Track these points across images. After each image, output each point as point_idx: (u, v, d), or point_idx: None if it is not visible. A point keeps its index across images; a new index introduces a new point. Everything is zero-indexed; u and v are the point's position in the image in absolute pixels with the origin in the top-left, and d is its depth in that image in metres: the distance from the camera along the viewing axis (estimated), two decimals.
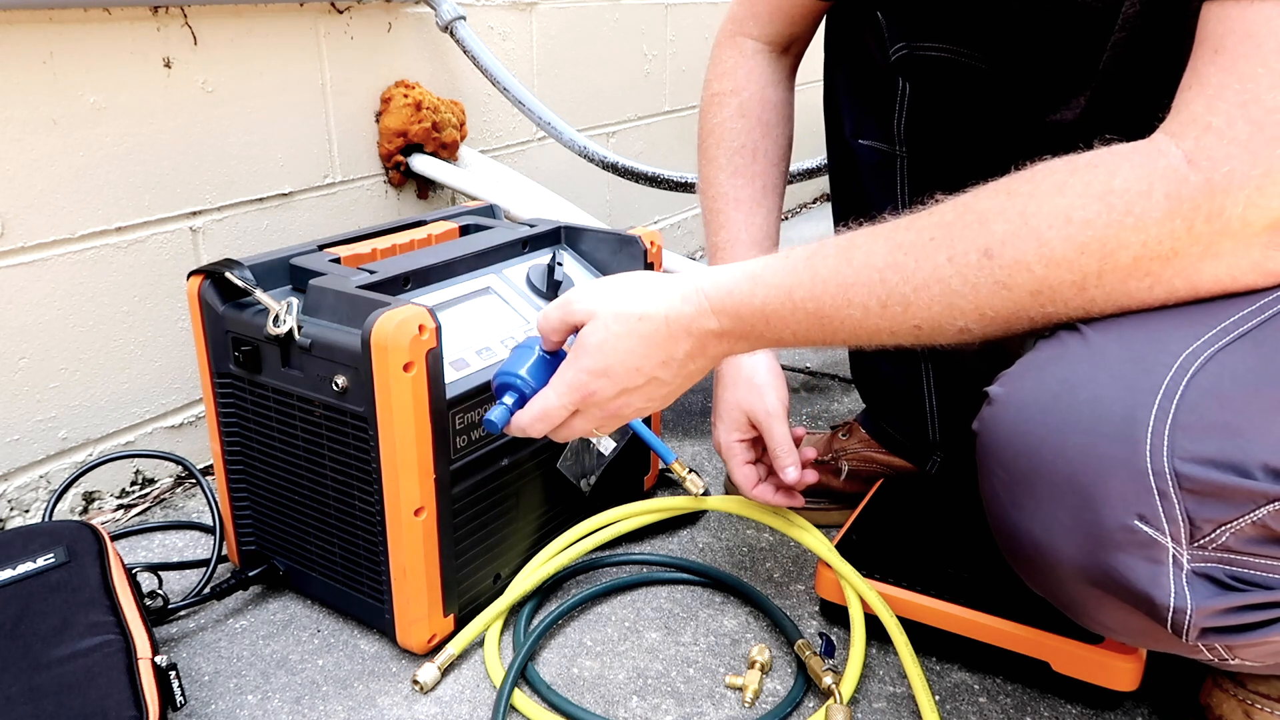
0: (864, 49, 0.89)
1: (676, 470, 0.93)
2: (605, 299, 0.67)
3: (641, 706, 0.80)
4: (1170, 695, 0.80)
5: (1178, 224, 0.51)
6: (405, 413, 0.75)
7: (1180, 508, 0.52)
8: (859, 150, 0.94)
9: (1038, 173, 0.55)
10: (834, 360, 1.54)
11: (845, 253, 0.60)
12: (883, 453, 1.05)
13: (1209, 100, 0.51)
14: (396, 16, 1.30)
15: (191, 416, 1.16)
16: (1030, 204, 0.54)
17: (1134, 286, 0.54)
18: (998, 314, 0.56)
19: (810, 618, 0.91)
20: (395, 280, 0.86)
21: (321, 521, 0.86)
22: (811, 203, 2.68)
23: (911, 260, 0.57)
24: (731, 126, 0.93)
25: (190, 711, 0.79)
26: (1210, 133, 0.50)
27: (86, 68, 0.98)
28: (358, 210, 1.30)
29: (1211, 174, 0.50)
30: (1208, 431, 0.52)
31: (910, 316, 0.58)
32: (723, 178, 0.93)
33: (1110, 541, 0.54)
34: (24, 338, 0.99)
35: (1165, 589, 0.54)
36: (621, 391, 0.67)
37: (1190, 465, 0.52)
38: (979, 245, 0.55)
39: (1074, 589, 0.59)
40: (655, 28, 1.85)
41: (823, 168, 1.39)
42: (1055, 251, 0.53)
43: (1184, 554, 0.54)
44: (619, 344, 0.66)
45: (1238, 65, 0.50)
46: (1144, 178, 0.51)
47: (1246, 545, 0.54)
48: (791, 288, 0.61)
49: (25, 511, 1.02)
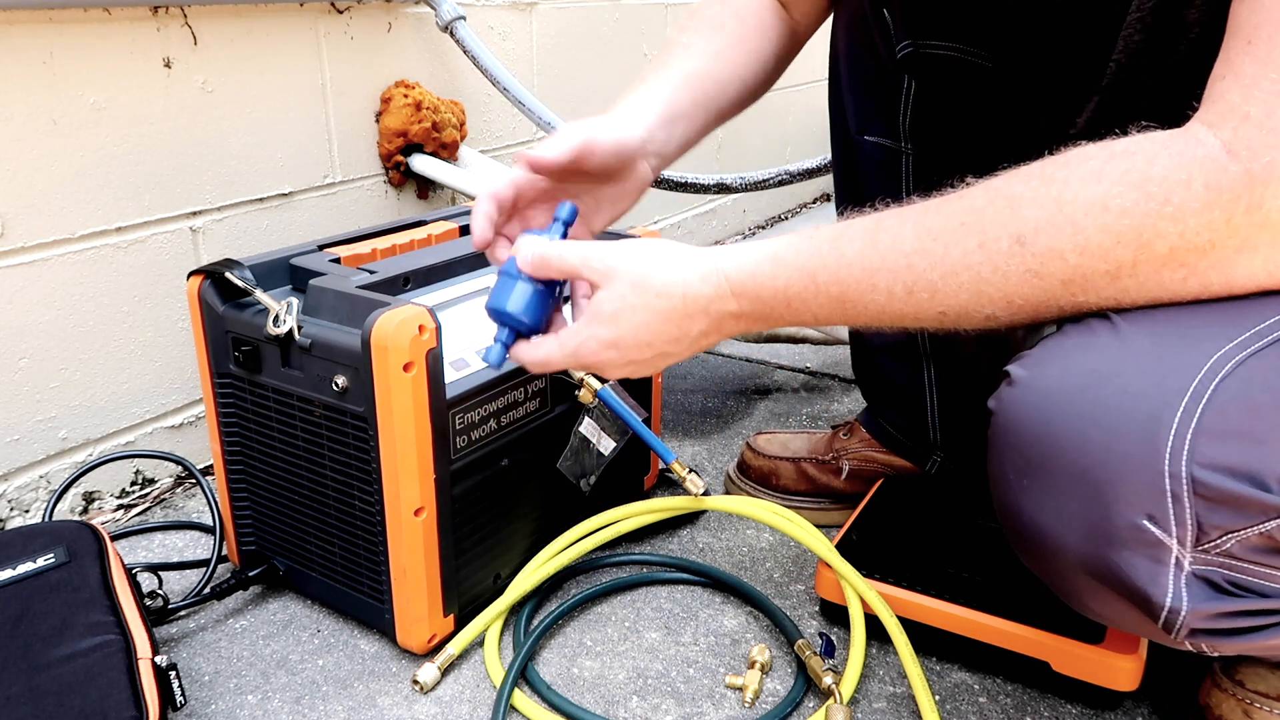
0: (870, 45, 0.88)
1: (676, 470, 0.93)
2: (625, 263, 0.64)
3: (641, 706, 0.80)
4: (1170, 695, 0.80)
5: (1216, 215, 0.50)
6: (405, 413, 0.75)
7: (1191, 512, 0.52)
8: (864, 145, 0.93)
9: (1072, 158, 0.54)
10: (834, 360, 1.54)
11: (872, 235, 0.59)
12: (883, 452, 1.05)
13: (1245, 90, 0.50)
14: (396, 16, 1.30)
15: (191, 416, 1.16)
16: (1065, 190, 0.53)
17: (1168, 278, 0.53)
18: (1027, 302, 0.55)
19: (810, 618, 0.91)
20: (395, 280, 0.86)
21: (321, 521, 0.86)
22: (811, 202, 2.68)
23: (940, 246, 0.56)
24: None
25: (190, 711, 0.79)
26: (1249, 123, 0.50)
27: (86, 68, 0.98)
28: (358, 210, 1.30)
29: (1251, 164, 0.49)
30: (1230, 438, 0.51)
31: (936, 303, 0.57)
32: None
33: (1116, 538, 0.54)
34: (24, 338, 0.99)
35: (1164, 589, 0.54)
36: (628, 363, 0.66)
37: (1208, 472, 0.51)
38: (1011, 231, 0.54)
39: (1071, 576, 0.59)
40: (655, 28, 1.85)
41: (823, 167, 1.39)
42: (1090, 240, 0.52)
43: (1186, 556, 0.54)
44: (633, 316, 0.64)
45: (1273, 55, 0.50)
46: (1183, 166, 0.50)
47: (1249, 553, 0.54)
48: (815, 270, 0.60)
49: (25, 511, 1.03)
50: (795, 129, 2.40)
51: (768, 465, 1.09)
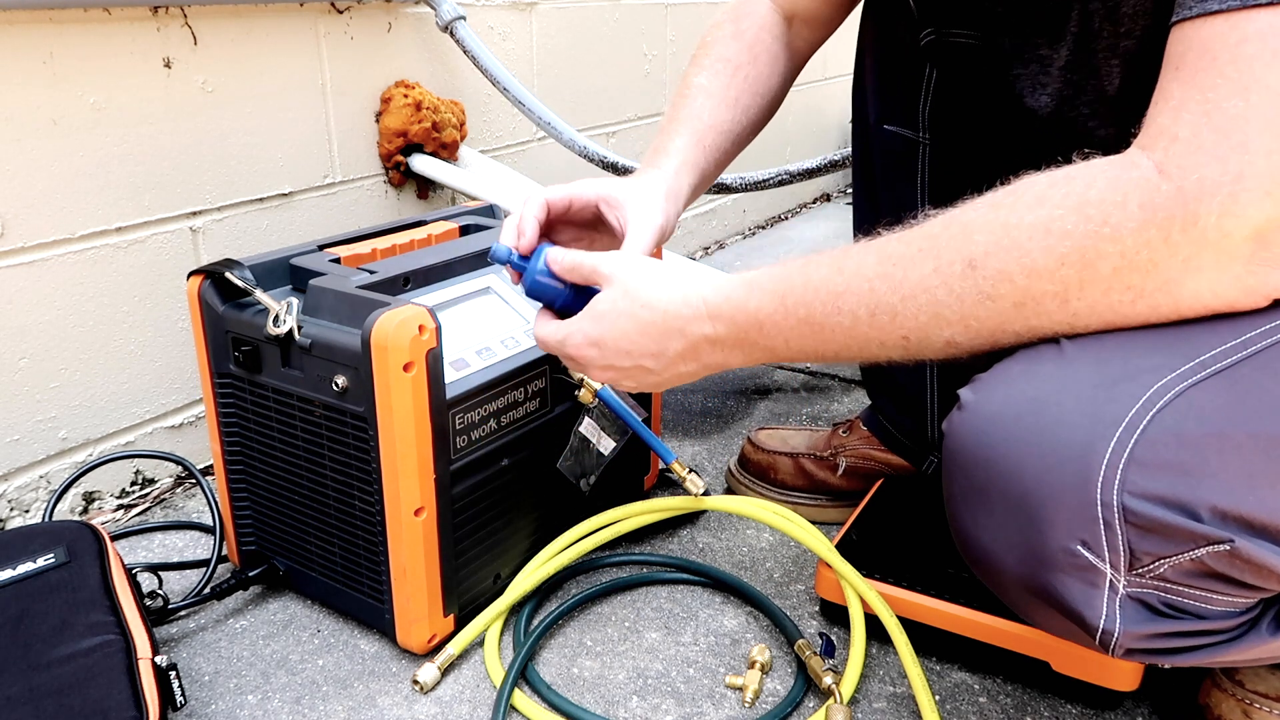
0: (894, 34, 0.90)
1: (676, 470, 0.93)
2: (626, 272, 0.69)
3: (641, 706, 0.80)
4: (1170, 695, 0.80)
5: (1153, 234, 0.51)
6: (405, 413, 0.75)
7: (1123, 539, 0.54)
8: (884, 136, 0.94)
9: (1020, 186, 0.56)
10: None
11: (838, 262, 0.62)
12: (882, 451, 1.06)
13: (1173, 112, 0.52)
14: (396, 17, 1.30)
15: (191, 416, 1.17)
16: (1012, 215, 0.55)
17: (1116, 300, 0.54)
18: (983, 325, 0.57)
19: (810, 618, 0.91)
20: (395, 280, 0.86)
21: (321, 521, 0.86)
22: (811, 203, 2.68)
23: (900, 270, 0.58)
24: (723, 43, 0.90)
25: (190, 711, 0.79)
26: (1178, 143, 0.51)
27: (86, 68, 0.98)
28: (358, 210, 1.30)
29: (1182, 181, 0.51)
30: (1162, 470, 0.53)
31: (898, 326, 0.59)
32: (698, 77, 0.89)
33: (1051, 562, 0.56)
34: (24, 338, 0.99)
35: (1098, 611, 0.56)
36: (608, 367, 0.70)
37: (1138, 501, 0.53)
38: (963, 256, 0.56)
39: (1015, 593, 0.61)
40: (655, 28, 1.85)
41: (823, 167, 1.39)
42: (1036, 262, 0.54)
43: (1121, 580, 0.55)
44: (617, 322, 0.68)
45: (1196, 78, 0.52)
46: (1118, 188, 0.52)
47: (1183, 577, 0.55)
48: (784, 294, 0.63)
49: (25, 511, 1.03)
50: (795, 129, 2.40)
51: (766, 460, 1.10)
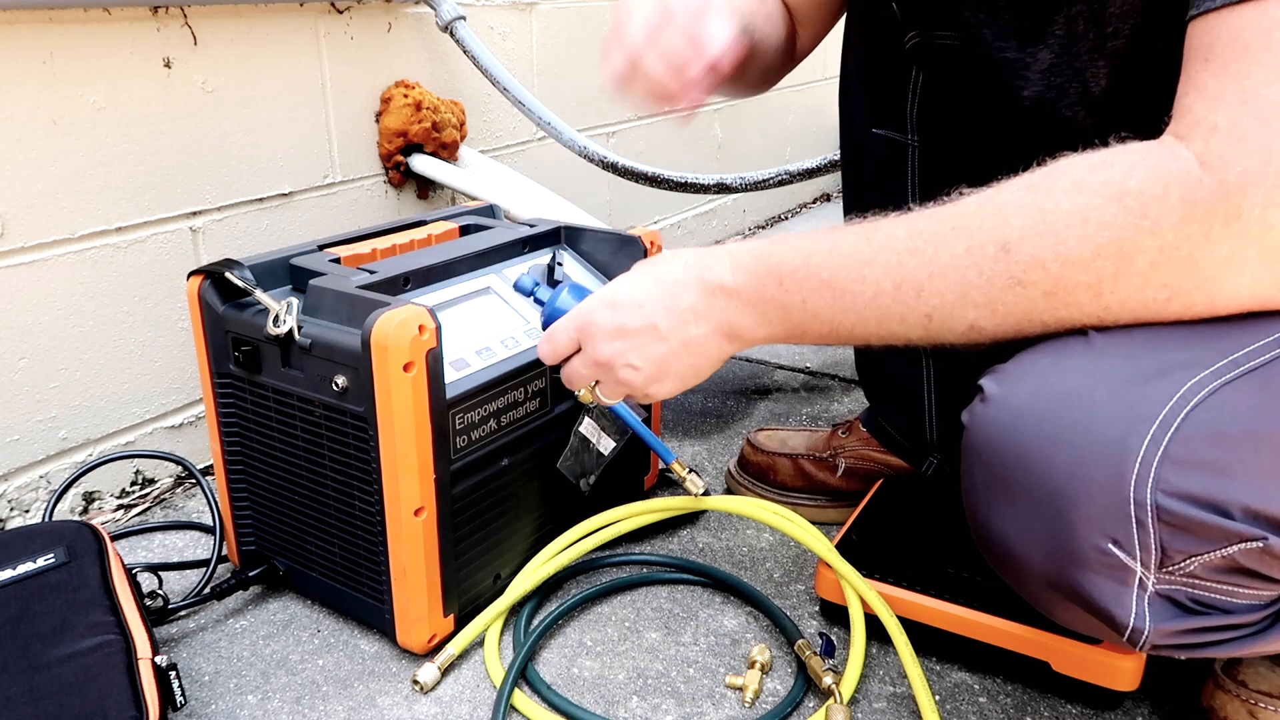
0: (880, 38, 0.90)
1: (676, 470, 0.93)
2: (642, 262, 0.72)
3: (641, 706, 0.80)
4: (1171, 695, 0.80)
5: (1195, 228, 0.50)
6: (405, 413, 0.75)
7: (1155, 537, 0.53)
8: (872, 140, 0.94)
9: (1057, 168, 0.55)
10: (834, 360, 1.54)
11: (867, 232, 0.61)
12: (881, 452, 1.05)
13: (1209, 102, 0.51)
14: (396, 17, 1.30)
15: (191, 416, 1.16)
16: (1049, 200, 0.54)
17: (1150, 296, 0.53)
18: (1010, 312, 0.56)
19: (810, 618, 0.91)
20: (395, 280, 0.86)
21: (321, 521, 0.86)
22: (811, 203, 2.68)
23: (930, 247, 0.57)
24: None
25: (190, 711, 0.79)
26: (1218, 133, 0.50)
27: (86, 68, 0.98)
28: (358, 210, 1.30)
29: (1225, 175, 0.49)
30: (1195, 468, 0.52)
31: (922, 303, 0.58)
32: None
33: (1080, 559, 0.55)
34: (24, 338, 0.99)
35: (1127, 609, 0.55)
36: (618, 329, 0.69)
37: (1172, 500, 0.52)
38: (997, 239, 0.55)
39: (1038, 590, 0.60)
40: None
41: (823, 167, 1.39)
42: (1072, 251, 0.53)
43: (1150, 577, 0.54)
44: (630, 276, 0.71)
45: (1230, 67, 0.50)
46: (1159, 179, 0.51)
47: (1213, 573, 0.54)
48: (809, 253, 0.63)
49: (25, 511, 1.03)
50: (795, 129, 2.40)
51: (766, 461, 1.09)
